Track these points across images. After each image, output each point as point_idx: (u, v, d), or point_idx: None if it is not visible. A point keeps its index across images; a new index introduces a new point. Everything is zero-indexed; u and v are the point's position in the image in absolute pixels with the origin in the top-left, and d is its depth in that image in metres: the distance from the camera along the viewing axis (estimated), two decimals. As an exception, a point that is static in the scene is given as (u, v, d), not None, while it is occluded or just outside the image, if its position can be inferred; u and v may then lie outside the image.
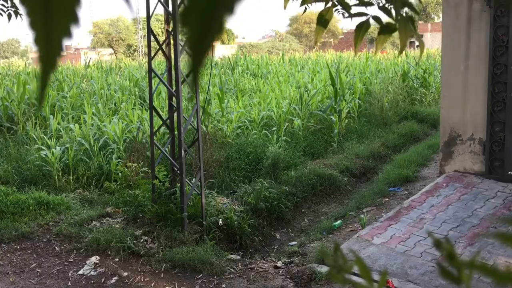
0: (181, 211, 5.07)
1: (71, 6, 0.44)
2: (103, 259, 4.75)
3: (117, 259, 4.73)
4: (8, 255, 4.92)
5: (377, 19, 1.39)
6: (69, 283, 4.39)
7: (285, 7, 1.79)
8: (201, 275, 4.42)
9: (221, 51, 37.48)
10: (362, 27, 1.42)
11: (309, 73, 16.06)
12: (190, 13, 0.42)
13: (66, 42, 0.46)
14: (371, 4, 1.44)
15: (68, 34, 0.45)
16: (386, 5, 1.37)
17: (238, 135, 8.70)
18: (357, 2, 1.47)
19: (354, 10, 1.49)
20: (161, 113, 5.70)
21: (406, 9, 1.30)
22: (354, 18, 1.48)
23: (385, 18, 1.38)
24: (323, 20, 1.49)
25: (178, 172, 5.17)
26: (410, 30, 1.29)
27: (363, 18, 1.41)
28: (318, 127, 9.44)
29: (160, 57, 19.30)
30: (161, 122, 5.65)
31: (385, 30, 1.34)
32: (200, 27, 0.43)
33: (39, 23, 0.44)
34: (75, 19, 0.44)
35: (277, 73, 17.00)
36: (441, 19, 8.88)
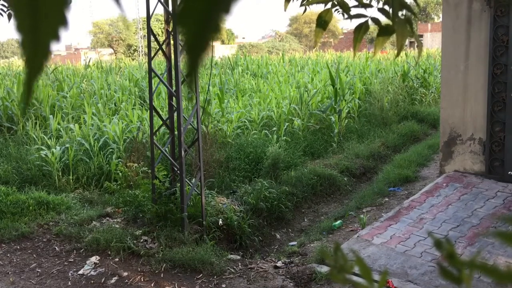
0: (181, 211, 5.07)
1: (60, 9, 0.43)
2: (103, 259, 4.75)
3: (117, 259, 4.73)
4: (8, 255, 4.92)
5: (376, 21, 1.39)
6: (69, 283, 4.39)
7: (285, 9, 1.79)
8: (201, 275, 4.42)
9: (221, 51, 37.48)
10: (361, 29, 1.42)
11: (309, 73, 16.06)
12: (187, 13, 0.42)
13: (57, 44, 0.45)
14: (370, 6, 1.44)
15: (56, 38, 0.43)
16: (385, 7, 1.37)
17: (238, 135, 8.70)
18: (357, 3, 1.47)
19: (353, 11, 1.49)
20: (161, 113, 5.70)
21: (404, 11, 1.30)
22: (353, 20, 1.48)
23: (384, 20, 1.38)
24: (322, 21, 1.49)
25: (178, 172, 5.17)
26: (408, 33, 1.29)
27: (362, 20, 1.41)
28: (318, 127, 9.44)
29: (160, 57, 19.30)
30: (161, 122, 5.65)
31: (384, 32, 1.34)
32: (196, 27, 0.43)
33: (26, 26, 0.43)
34: (63, 22, 0.43)
35: (277, 73, 17.00)
36: (441, 19, 8.88)
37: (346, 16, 1.49)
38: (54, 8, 0.43)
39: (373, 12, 1.40)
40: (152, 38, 5.17)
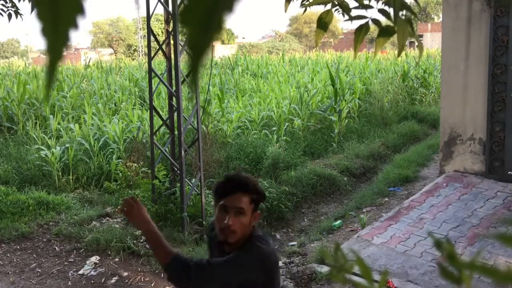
0: (181, 211, 5.07)
1: None
2: (103, 259, 4.75)
3: (117, 259, 4.73)
4: (8, 255, 4.92)
5: (376, 22, 1.39)
6: (69, 283, 4.39)
7: (285, 10, 1.79)
8: (201, 275, 4.42)
9: (221, 51, 37.49)
10: (362, 30, 1.42)
11: (309, 73, 16.06)
12: (190, 12, 0.43)
13: (72, 34, 0.48)
14: (370, 7, 1.44)
15: (75, 26, 0.45)
16: (385, 8, 1.37)
17: (238, 135, 8.70)
18: (357, 4, 1.47)
19: (353, 13, 1.49)
20: (161, 113, 5.70)
21: (404, 12, 1.30)
22: (354, 21, 1.48)
23: (383, 20, 1.38)
24: (323, 23, 1.49)
25: (178, 172, 5.17)
26: (409, 33, 1.29)
27: (363, 21, 1.41)
28: (318, 127, 9.44)
29: (160, 57, 19.29)
30: (161, 122, 5.65)
31: (384, 32, 1.34)
32: (199, 26, 0.43)
33: (47, 14, 0.45)
34: (81, 11, 0.45)
35: (277, 73, 17.00)
36: (441, 19, 8.88)
37: (347, 17, 1.49)
38: None
39: (373, 13, 1.40)
40: (152, 38, 5.17)
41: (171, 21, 5.21)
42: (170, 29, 5.22)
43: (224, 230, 1.92)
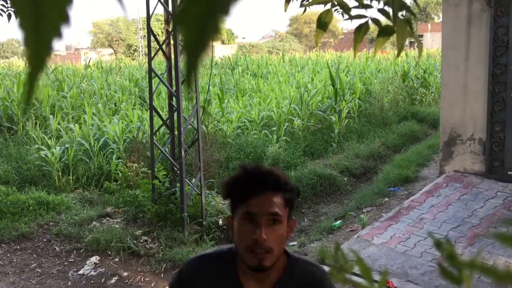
0: (181, 211, 5.07)
1: (62, 6, 0.43)
2: (103, 259, 4.75)
3: (117, 259, 4.73)
4: (8, 255, 4.92)
5: (376, 21, 1.40)
6: (69, 283, 4.39)
7: (285, 10, 1.79)
8: (201, 275, 4.42)
9: (221, 51, 37.48)
10: (361, 29, 1.42)
11: (309, 73, 16.06)
12: (185, 14, 0.43)
13: (59, 43, 0.46)
14: (370, 6, 1.44)
15: (59, 35, 0.43)
16: (385, 8, 1.37)
17: (238, 135, 8.70)
18: (357, 4, 1.47)
19: (353, 12, 1.49)
20: (161, 113, 5.70)
21: (403, 12, 1.31)
22: (353, 20, 1.48)
23: (383, 20, 1.39)
24: (322, 22, 1.49)
25: (178, 172, 5.17)
26: (408, 33, 1.29)
27: (362, 21, 1.41)
28: (318, 127, 9.44)
29: (160, 57, 19.29)
30: (161, 122, 5.65)
31: (384, 32, 1.34)
32: (195, 28, 0.43)
33: (29, 24, 0.43)
34: (66, 20, 0.43)
35: (277, 73, 17.00)
36: (441, 19, 8.88)
37: (346, 16, 1.49)
38: (56, 5, 0.43)
39: (373, 13, 1.40)
40: (152, 38, 5.17)
41: (171, 21, 5.21)
42: (170, 29, 5.22)
43: (256, 249, 1.30)
